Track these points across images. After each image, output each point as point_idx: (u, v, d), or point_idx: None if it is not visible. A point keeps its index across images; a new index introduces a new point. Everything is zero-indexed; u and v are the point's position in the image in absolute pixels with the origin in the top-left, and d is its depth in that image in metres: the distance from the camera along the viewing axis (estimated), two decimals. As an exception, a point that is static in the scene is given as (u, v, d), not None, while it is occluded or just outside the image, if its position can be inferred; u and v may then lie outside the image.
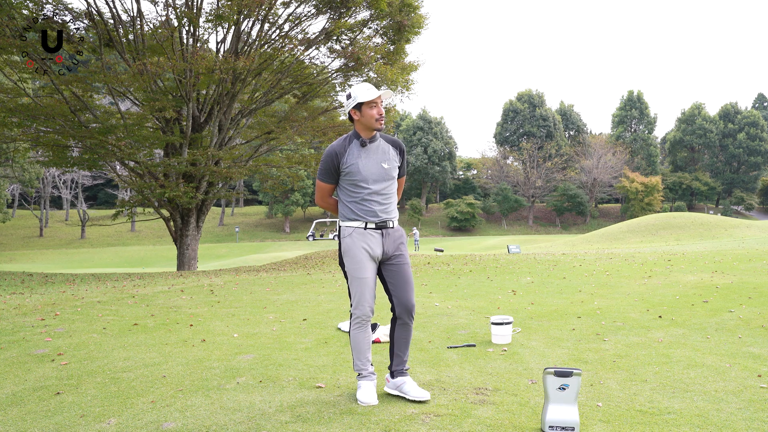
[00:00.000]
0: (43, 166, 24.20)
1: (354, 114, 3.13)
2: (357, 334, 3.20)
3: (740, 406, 3.00)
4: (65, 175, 58.79)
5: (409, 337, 3.30)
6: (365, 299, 3.13)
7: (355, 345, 3.22)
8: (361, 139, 3.14)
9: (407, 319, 3.26)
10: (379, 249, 3.17)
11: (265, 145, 19.15)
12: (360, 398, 3.11)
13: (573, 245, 33.10)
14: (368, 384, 3.18)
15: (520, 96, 78.57)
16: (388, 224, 3.20)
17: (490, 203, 72.28)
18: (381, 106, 3.13)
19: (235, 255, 43.55)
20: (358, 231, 3.14)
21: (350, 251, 3.14)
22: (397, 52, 16.91)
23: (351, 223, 3.16)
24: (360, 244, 3.13)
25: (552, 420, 2.68)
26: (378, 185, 3.14)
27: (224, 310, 6.64)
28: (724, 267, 9.34)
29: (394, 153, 3.24)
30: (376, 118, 3.10)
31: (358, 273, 3.13)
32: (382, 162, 3.17)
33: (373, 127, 3.13)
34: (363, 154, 3.13)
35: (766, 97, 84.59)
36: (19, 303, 7.23)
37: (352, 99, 3.11)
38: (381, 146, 3.20)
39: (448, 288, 8.39)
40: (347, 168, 3.11)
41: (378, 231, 3.17)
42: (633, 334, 4.80)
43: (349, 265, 3.15)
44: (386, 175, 3.17)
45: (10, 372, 3.90)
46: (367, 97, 3.06)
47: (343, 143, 3.15)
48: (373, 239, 3.15)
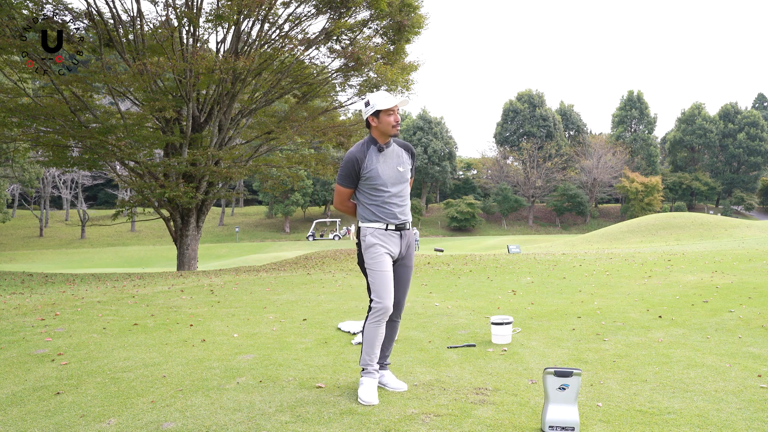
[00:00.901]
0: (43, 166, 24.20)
1: (372, 121, 3.25)
2: (374, 328, 3.25)
3: (740, 406, 3.00)
4: (65, 175, 58.77)
5: (394, 334, 3.47)
6: (387, 291, 3.21)
7: (368, 339, 3.26)
8: (379, 145, 3.28)
9: (396, 317, 3.42)
10: (396, 249, 3.31)
11: (265, 145, 19.15)
12: (362, 396, 3.13)
13: (573, 245, 33.10)
14: (371, 381, 3.23)
15: (520, 96, 78.57)
16: (406, 226, 3.35)
17: (490, 203, 72.28)
18: (397, 114, 3.25)
19: (235, 255, 43.55)
20: (378, 231, 3.27)
21: (371, 248, 3.25)
22: (397, 52, 16.90)
23: (372, 224, 3.28)
24: (380, 243, 3.26)
25: (552, 420, 2.69)
26: (396, 188, 3.29)
27: (224, 310, 6.65)
28: (724, 267, 9.34)
29: (406, 156, 3.40)
30: (393, 125, 3.23)
31: (379, 267, 3.23)
32: (398, 166, 3.32)
33: (390, 134, 3.26)
34: (381, 159, 3.27)
35: (766, 97, 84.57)
36: (19, 303, 7.23)
37: (370, 107, 3.23)
38: (395, 150, 3.35)
39: (448, 288, 8.39)
40: (368, 173, 3.23)
41: (397, 232, 3.31)
42: (633, 334, 4.80)
43: (370, 260, 3.25)
44: (402, 177, 3.32)
45: (10, 372, 3.90)
46: (386, 105, 3.19)
47: (362, 149, 3.27)
48: (392, 240, 3.29)
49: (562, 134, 78.48)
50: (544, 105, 77.85)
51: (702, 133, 75.69)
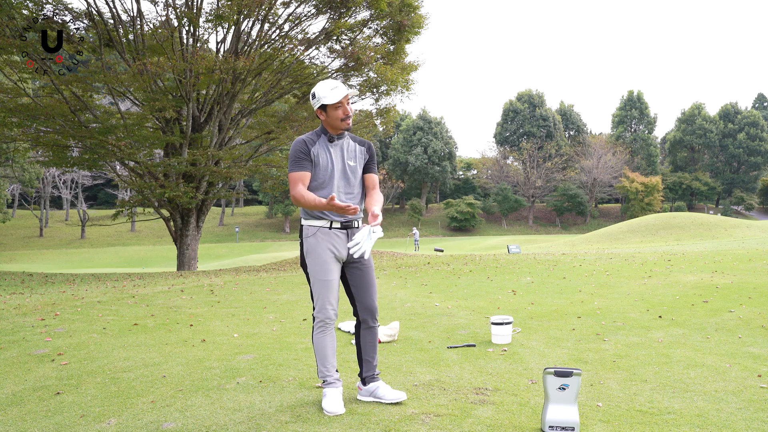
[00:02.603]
0: (43, 166, 24.20)
1: (320, 114, 3.06)
2: (320, 338, 3.06)
3: (740, 406, 3.00)
4: (65, 175, 58.79)
5: (375, 340, 3.23)
6: (329, 302, 3.03)
7: (318, 350, 3.08)
8: (330, 135, 3.09)
9: (371, 322, 3.20)
10: (344, 250, 3.07)
11: (265, 145, 19.16)
12: (326, 407, 2.96)
13: (573, 245, 33.09)
14: (334, 392, 3.05)
15: (520, 96, 78.57)
16: (353, 224, 3.11)
17: (490, 203, 72.28)
18: (347, 106, 3.04)
19: (235, 255, 43.54)
20: (322, 230, 3.04)
21: (314, 252, 3.03)
22: (397, 52, 16.91)
23: (315, 222, 3.05)
24: (325, 245, 3.03)
25: (552, 420, 2.68)
26: (342, 182, 3.08)
27: (224, 310, 6.64)
28: (724, 267, 9.34)
29: (360, 151, 3.18)
30: (341, 118, 3.03)
31: (322, 275, 3.01)
32: (348, 159, 3.12)
33: (339, 128, 3.07)
34: (330, 149, 3.08)
35: (766, 97, 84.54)
36: (19, 303, 7.23)
37: (316, 99, 3.03)
38: (349, 145, 3.15)
39: (448, 288, 8.38)
40: (314, 159, 3.04)
41: (343, 231, 3.08)
42: (633, 334, 4.80)
43: (313, 266, 3.04)
44: (351, 172, 3.12)
45: (10, 372, 3.89)
46: (331, 100, 2.98)
47: (311, 136, 3.09)
48: (338, 239, 3.06)
49: (562, 134, 78.48)
50: (544, 105, 77.85)
51: (702, 133, 75.69)
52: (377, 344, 3.26)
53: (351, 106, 3.09)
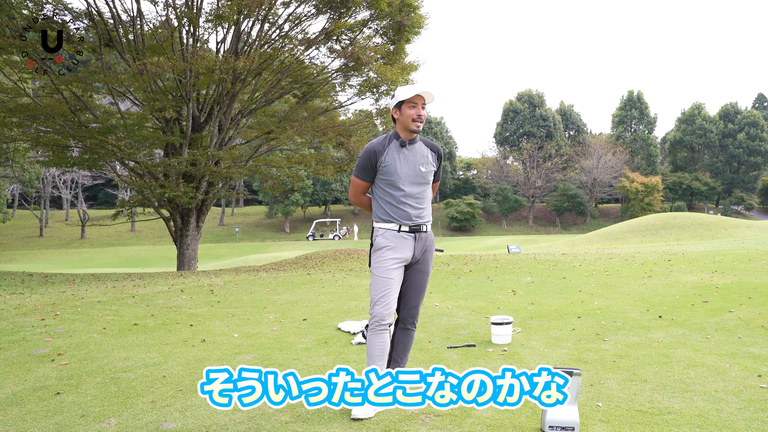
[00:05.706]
0: (43, 166, 24.17)
1: (395, 113, 3.08)
2: (371, 338, 3.07)
3: (740, 406, 3.00)
4: (65, 175, 58.75)
5: (409, 343, 3.25)
6: (385, 300, 3.02)
7: (368, 348, 3.09)
8: (401, 140, 3.09)
9: (410, 325, 3.23)
10: (409, 253, 3.10)
11: (265, 145, 19.15)
12: (355, 412, 2.90)
13: (573, 245, 33.08)
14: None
15: (520, 96, 78.55)
16: (422, 228, 3.14)
17: (490, 203, 72.26)
18: (421, 108, 3.04)
19: (235, 255, 43.53)
20: (390, 233, 3.08)
21: (380, 250, 3.08)
22: (397, 52, 16.90)
23: (384, 225, 3.10)
24: (391, 246, 3.07)
25: (552, 420, 2.69)
26: (413, 188, 3.09)
27: (224, 310, 6.64)
28: (724, 267, 9.34)
29: (432, 157, 3.19)
30: (413, 118, 3.03)
31: (383, 273, 3.04)
32: (419, 165, 3.11)
33: (410, 128, 3.05)
34: (401, 154, 3.08)
35: (766, 97, 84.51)
36: (19, 303, 7.23)
37: (393, 98, 3.08)
38: (420, 149, 3.15)
39: (448, 288, 8.38)
40: (384, 167, 3.05)
41: (411, 234, 3.10)
42: (633, 334, 4.80)
43: (375, 263, 3.08)
44: (422, 178, 3.12)
45: (10, 372, 3.89)
46: (407, 95, 3.00)
47: (382, 141, 3.09)
48: (405, 242, 3.09)
49: (562, 134, 78.46)
50: (544, 105, 77.83)
51: (702, 133, 75.67)
52: (409, 347, 3.27)
53: (425, 111, 3.09)
